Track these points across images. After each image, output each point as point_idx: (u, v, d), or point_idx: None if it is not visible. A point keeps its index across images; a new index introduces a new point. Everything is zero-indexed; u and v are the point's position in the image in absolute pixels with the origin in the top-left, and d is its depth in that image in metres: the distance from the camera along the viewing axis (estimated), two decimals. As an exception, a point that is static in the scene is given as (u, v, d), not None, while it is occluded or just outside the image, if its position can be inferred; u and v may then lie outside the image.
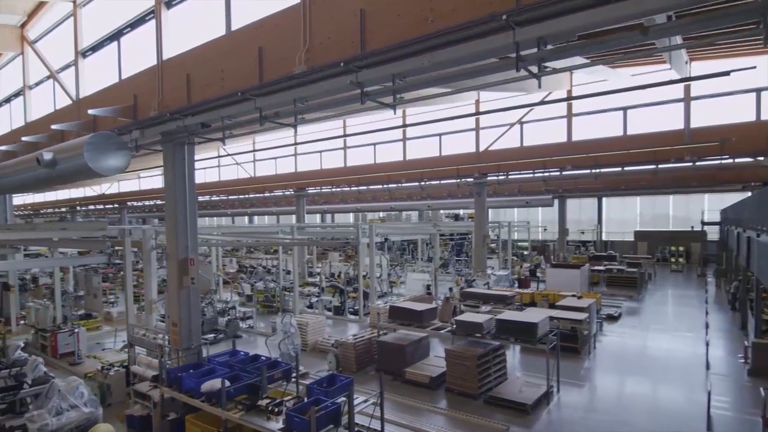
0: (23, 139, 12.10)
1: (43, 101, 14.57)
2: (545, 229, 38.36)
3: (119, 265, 19.34)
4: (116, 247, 12.04)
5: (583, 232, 38.06)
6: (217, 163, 32.92)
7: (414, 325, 11.64)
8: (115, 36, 10.99)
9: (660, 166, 17.98)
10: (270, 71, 7.04)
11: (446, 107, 18.44)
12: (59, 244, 14.07)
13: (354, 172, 23.03)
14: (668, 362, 12.39)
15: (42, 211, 50.12)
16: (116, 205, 41.65)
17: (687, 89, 15.62)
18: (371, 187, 23.37)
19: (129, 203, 40.12)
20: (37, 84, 15.39)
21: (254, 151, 29.22)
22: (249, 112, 7.52)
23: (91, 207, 45.04)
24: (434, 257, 23.74)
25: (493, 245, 30.68)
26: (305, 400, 7.08)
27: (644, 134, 16.28)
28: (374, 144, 23.23)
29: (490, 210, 31.58)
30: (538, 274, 23.46)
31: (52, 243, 13.56)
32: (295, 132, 7.75)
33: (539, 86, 6.42)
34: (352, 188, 25.96)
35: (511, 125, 18.70)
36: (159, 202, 34.98)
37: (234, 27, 8.20)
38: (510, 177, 20.66)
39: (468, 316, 11.24)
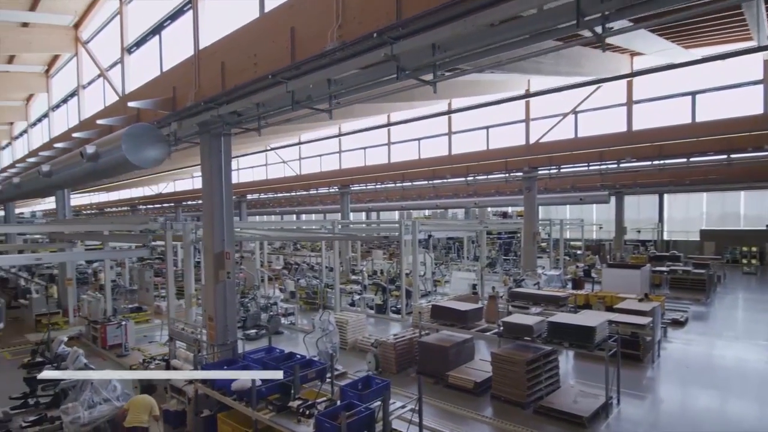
0: (74, 135, 12.43)
1: (95, 99, 15.07)
2: (600, 228, 36.22)
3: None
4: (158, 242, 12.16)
5: (639, 231, 35.64)
6: (264, 162, 33.34)
7: (458, 326, 10.95)
8: (156, 30, 11.04)
9: (733, 156, 16.26)
10: (302, 51, 6.63)
11: (494, 95, 17.51)
12: (108, 238, 14.48)
13: (398, 168, 22.50)
14: (741, 373, 11.05)
15: (106, 210, 53.00)
16: (172, 204, 43.29)
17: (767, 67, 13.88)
18: (416, 183, 22.76)
19: (184, 202, 41.54)
20: (89, 83, 15.98)
21: (299, 143, 29.39)
22: (282, 97, 7.15)
23: (149, 206, 47.20)
24: (481, 256, 22.83)
25: (543, 244, 29.23)
26: (338, 403, 6.63)
27: (716, 120, 14.64)
28: (419, 139, 22.57)
29: (540, 207, 30.09)
30: (593, 275, 21.99)
31: (101, 237, 13.97)
32: (330, 113, 7.25)
33: (603, 50, 5.61)
34: (397, 185, 25.48)
35: (565, 115, 17.46)
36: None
37: (267, 9, 7.88)
38: (562, 170, 19.43)
39: (517, 318, 10.43)
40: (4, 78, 15.33)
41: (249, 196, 34.08)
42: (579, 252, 33.20)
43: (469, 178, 21.15)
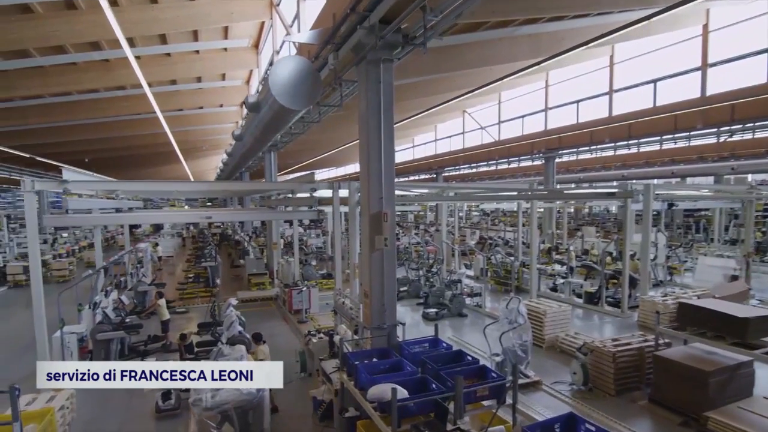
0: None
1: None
2: None
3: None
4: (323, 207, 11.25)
5: None
6: (461, 129, 31.24)
7: (727, 340, 6.99)
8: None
9: None
10: None
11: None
12: (274, 202, 14.47)
13: (623, 119, 17.60)
14: None
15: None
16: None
17: None
18: (645, 140, 17.51)
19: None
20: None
21: (498, 102, 26.36)
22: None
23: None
24: (745, 237, 16.50)
25: None
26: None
27: None
28: (653, 81, 17.17)
29: None
30: None
31: (270, 201, 13.94)
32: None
33: None
34: (617, 147, 20.23)
35: None
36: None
37: None
38: None
39: None
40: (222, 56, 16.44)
41: (446, 172, 32.38)
42: None
43: (729, 128, 15.03)
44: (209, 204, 53.06)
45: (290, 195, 13.21)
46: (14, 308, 15.51)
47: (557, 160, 23.42)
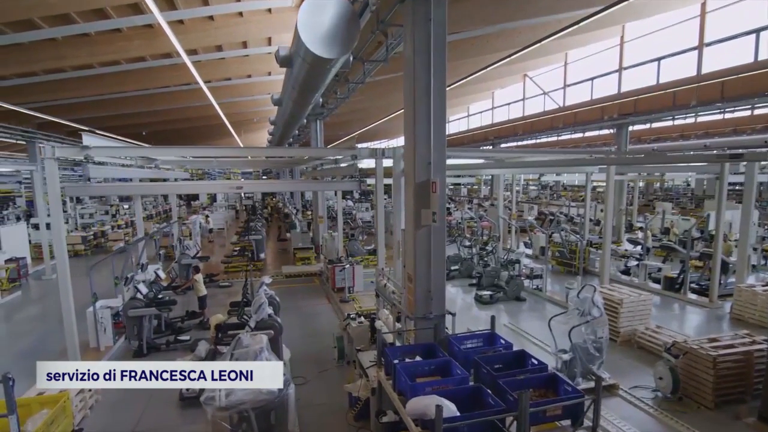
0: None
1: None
2: None
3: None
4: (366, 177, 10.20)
5: None
6: (522, 95, 28.86)
7: None
8: None
9: None
10: None
11: None
12: (318, 173, 13.58)
13: (715, 77, 15.13)
14: None
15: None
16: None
17: None
18: (739, 104, 14.95)
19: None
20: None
21: (564, 64, 24.02)
22: None
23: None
24: None
25: None
26: None
27: None
28: (755, 31, 14.48)
29: None
30: None
31: (314, 173, 13.05)
32: None
33: None
34: (703, 112, 17.58)
35: None
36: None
37: None
38: None
39: None
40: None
41: (504, 143, 30.10)
42: None
43: None
44: (264, 178, 53.63)
45: (333, 165, 12.29)
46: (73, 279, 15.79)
47: (630, 128, 20.99)
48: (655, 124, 22.30)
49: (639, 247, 14.73)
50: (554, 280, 13.53)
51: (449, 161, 8.11)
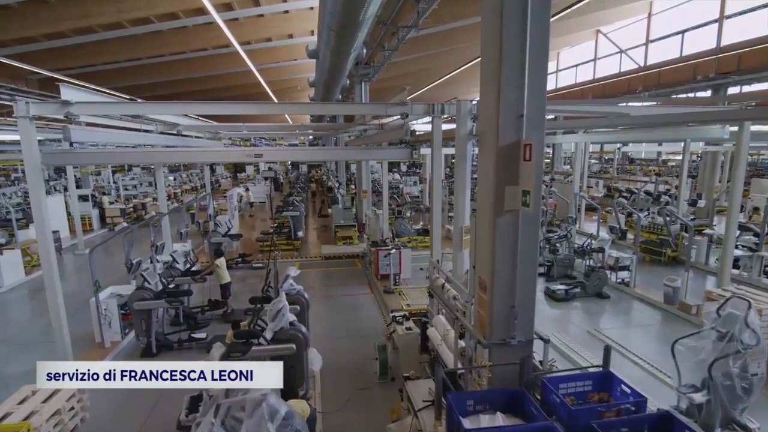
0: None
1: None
2: None
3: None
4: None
5: None
6: (593, 56, 25.46)
7: None
8: None
9: None
10: None
11: None
12: (363, 140, 11.67)
13: None
14: None
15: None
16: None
17: None
18: None
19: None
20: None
21: (648, 15, 20.62)
22: None
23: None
24: None
25: None
26: None
27: None
28: None
29: None
30: None
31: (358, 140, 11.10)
32: None
33: None
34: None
35: None
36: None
37: None
38: None
39: None
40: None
41: (569, 108, 26.76)
42: None
43: None
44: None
45: (378, 130, 10.41)
46: (107, 251, 14.99)
47: (729, 90, 17.66)
48: (756, 86, 18.74)
49: (750, 235, 11.99)
50: (643, 271, 11.22)
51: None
